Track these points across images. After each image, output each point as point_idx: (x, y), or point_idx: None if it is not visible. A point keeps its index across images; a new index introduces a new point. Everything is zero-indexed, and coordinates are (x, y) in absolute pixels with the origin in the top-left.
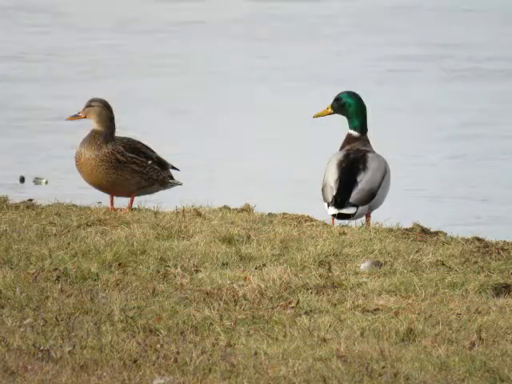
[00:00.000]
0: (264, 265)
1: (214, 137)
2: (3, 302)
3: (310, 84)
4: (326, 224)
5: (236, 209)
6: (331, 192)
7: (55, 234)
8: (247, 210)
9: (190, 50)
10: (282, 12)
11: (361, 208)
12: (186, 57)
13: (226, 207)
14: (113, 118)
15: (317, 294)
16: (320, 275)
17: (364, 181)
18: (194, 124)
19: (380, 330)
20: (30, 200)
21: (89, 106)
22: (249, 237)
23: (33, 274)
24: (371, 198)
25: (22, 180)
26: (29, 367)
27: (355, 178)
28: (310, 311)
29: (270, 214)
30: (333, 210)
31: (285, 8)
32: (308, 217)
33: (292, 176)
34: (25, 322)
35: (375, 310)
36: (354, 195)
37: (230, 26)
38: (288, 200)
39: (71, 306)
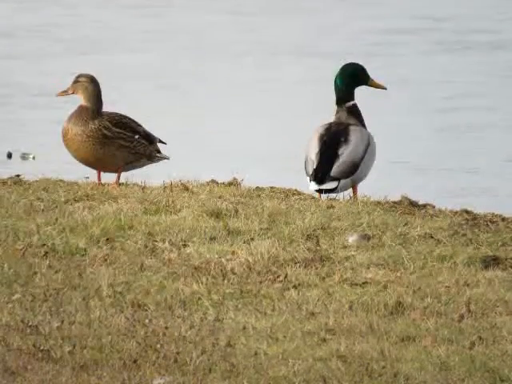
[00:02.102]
0: (252, 239)
1: (200, 111)
2: None
3: (296, 58)
4: (313, 197)
5: (223, 183)
6: (312, 166)
7: (43, 210)
8: (235, 184)
9: (177, 24)
10: None
11: (343, 181)
12: (173, 31)
13: (213, 181)
14: (100, 93)
15: (305, 267)
16: (308, 249)
17: (345, 153)
18: (181, 98)
19: (368, 304)
20: (18, 176)
21: (76, 81)
22: (236, 211)
23: (21, 249)
24: (353, 171)
25: (9, 156)
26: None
27: (336, 150)
28: (298, 285)
29: (257, 188)
30: (313, 186)
31: None
32: (296, 190)
33: (279, 149)
34: (13, 298)
35: (364, 283)
36: (336, 168)
37: (217, 0)
38: (276, 174)
39: (59, 281)
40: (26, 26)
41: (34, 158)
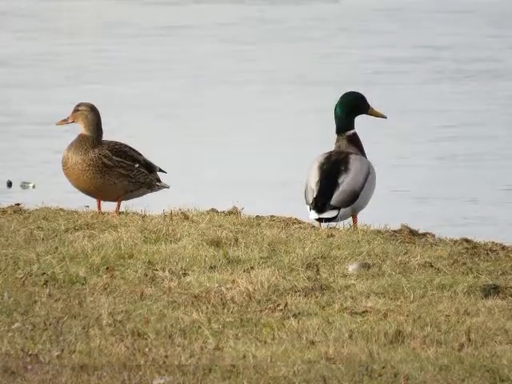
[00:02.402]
0: (252, 267)
1: (200, 140)
2: None
3: (297, 87)
4: (313, 226)
5: (223, 212)
6: (312, 195)
7: (43, 239)
8: (235, 212)
9: (177, 53)
10: (269, 15)
11: (343, 210)
12: (173, 60)
13: (213, 210)
14: (100, 122)
15: (305, 296)
16: (308, 278)
17: (345, 182)
18: (181, 127)
19: (369, 332)
20: (18, 204)
21: (76, 110)
22: (236, 240)
23: (21, 278)
24: (354, 200)
25: (10, 184)
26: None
27: (336, 179)
28: (299, 314)
29: (257, 217)
30: (314, 215)
31: (272, 11)
32: (296, 219)
33: (279, 178)
34: (13, 327)
35: (364, 312)
36: (336, 197)
37: (217, 30)
38: (276, 202)
39: (59, 310)
40: (25, 54)
41: (34, 186)
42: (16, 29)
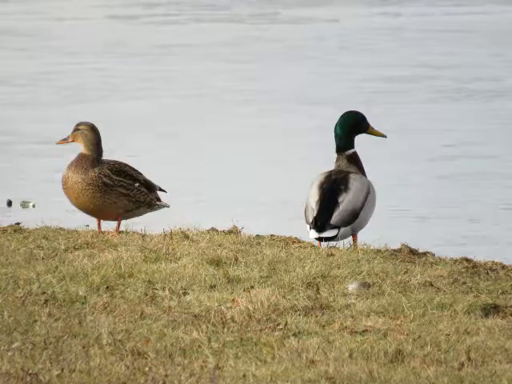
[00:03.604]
0: (252, 287)
1: (201, 159)
2: None
3: (297, 106)
4: (313, 245)
5: (223, 231)
6: (312, 214)
7: (43, 258)
8: (235, 231)
9: (177, 72)
10: (269, 34)
11: (343, 229)
12: (173, 79)
13: (213, 229)
14: (100, 141)
15: (305, 315)
16: (308, 297)
17: (345, 201)
18: (181, 146)
19: (368, 352)
20: (18, 223)
21: (76, 129)
22: (236, 259)
23: (21, 297)
24: (354, 219)
25: (9, 203)
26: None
27: (336, 198)
28: (299, 333)
29: (257, 236)
30: (313, 234)
31: (272, 30)
32: (296, 238)
33: (279, 198)
34: (13, 346)
35: (364, 331)
36: (335, 217)
37: (217, 49)
38: (276, 221)
39: (59, 329)
40: (25, 74)
41: (33, 205)
42: (16, 48)
